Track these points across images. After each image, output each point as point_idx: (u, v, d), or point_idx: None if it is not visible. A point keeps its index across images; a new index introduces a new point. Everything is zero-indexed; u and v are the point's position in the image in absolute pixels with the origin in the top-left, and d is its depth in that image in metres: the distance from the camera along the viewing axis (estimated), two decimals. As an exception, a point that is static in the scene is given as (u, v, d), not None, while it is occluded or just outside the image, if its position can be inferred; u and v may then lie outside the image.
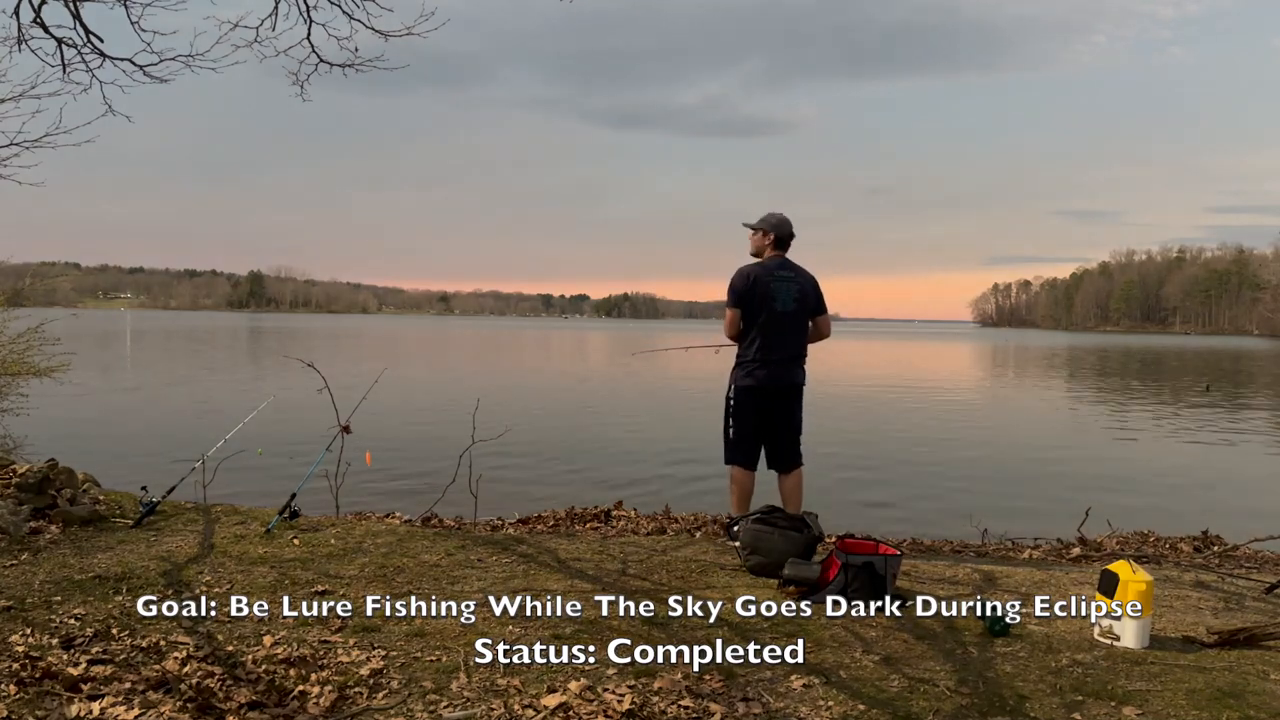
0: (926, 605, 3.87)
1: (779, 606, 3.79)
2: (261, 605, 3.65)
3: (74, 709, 2.66)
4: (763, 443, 5.11)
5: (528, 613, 3.66)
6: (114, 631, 3.31)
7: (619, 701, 2.79)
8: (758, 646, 3.34)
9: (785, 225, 5.13)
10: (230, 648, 3.20)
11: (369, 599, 3.78)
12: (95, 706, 2.68)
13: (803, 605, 3.83)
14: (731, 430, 5.10)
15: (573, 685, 2.91)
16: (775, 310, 4.99)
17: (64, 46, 4.79)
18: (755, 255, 5.17)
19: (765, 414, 5.06)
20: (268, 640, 3.27)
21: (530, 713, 2.73)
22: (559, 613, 3.67)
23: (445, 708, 2.78)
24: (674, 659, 3.17)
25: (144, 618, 3.47)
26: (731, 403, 5.11)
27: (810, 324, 5.16)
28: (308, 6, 4.79)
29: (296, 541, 4.67)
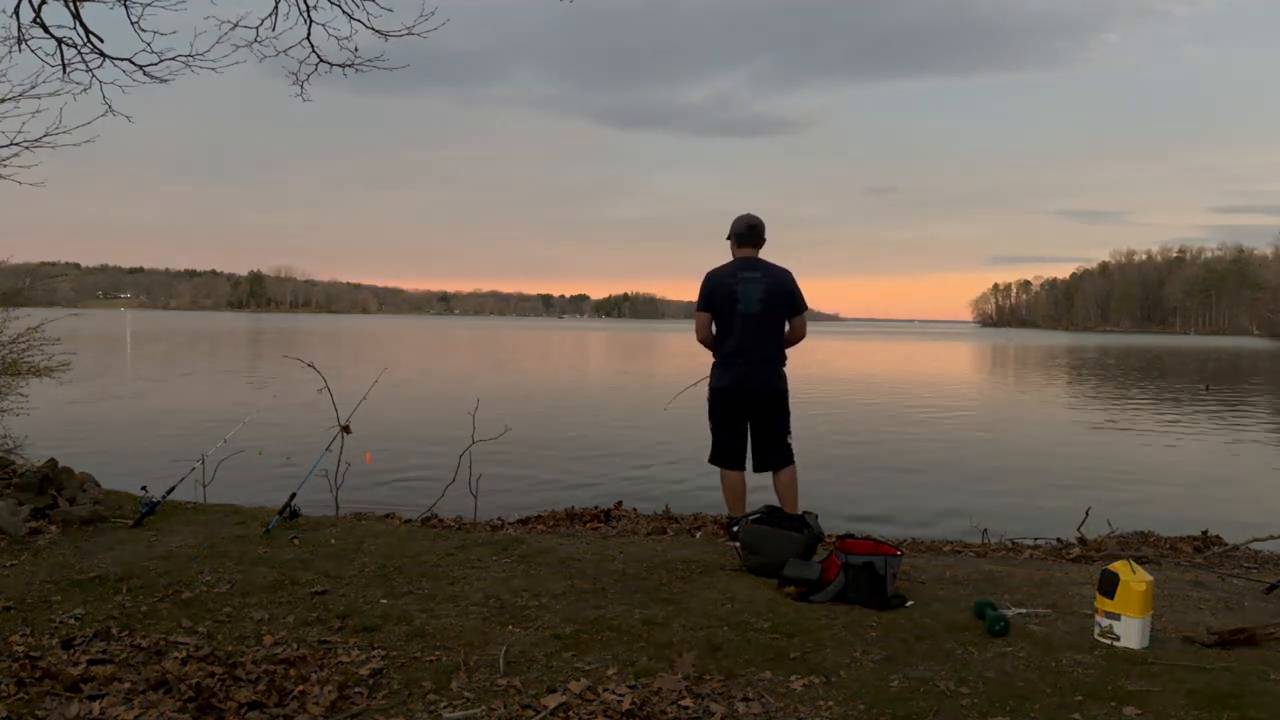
0: (926, 605, 3.87)
1: (779, 606, 3.79)
2: (261, 605, 3.66)
3: (74, 709, 2.66)
4: (745, 443, 5.05)
5: (528, 613, 3.67)
6: (114, 631, 3.31)
7: (619, 701, 2.79)
8: (758, 646, 3.34)
9: (742, 223, 5.04)
10: (230, 648, 3.19)
11: (369, 599, 3.79)
12: (95, 706, 2.68)
13: (802, 605, 3.84)
14: (711, 431, 5.11)
15: (573, 685, 2.91)
16: (739, 312, 4.89)
17: (64, 46, 4.80)
18: None
19: (742, 416, 5.00)
20: (268, 640, 3.27)
21: (530, 713, 2.73)
22: (559, 613, 3.67)
23: (445, 708, 2.78)
24: (674, 659, 3.17)
25: (144, 617, 3.48)
26: (708, 404, 5.11)
27: (786, 325, 5.03)
28: (308, 6, 4.80)
29: (296, 541, 4.67)
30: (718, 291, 4.96)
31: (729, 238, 5.14)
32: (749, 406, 5.00)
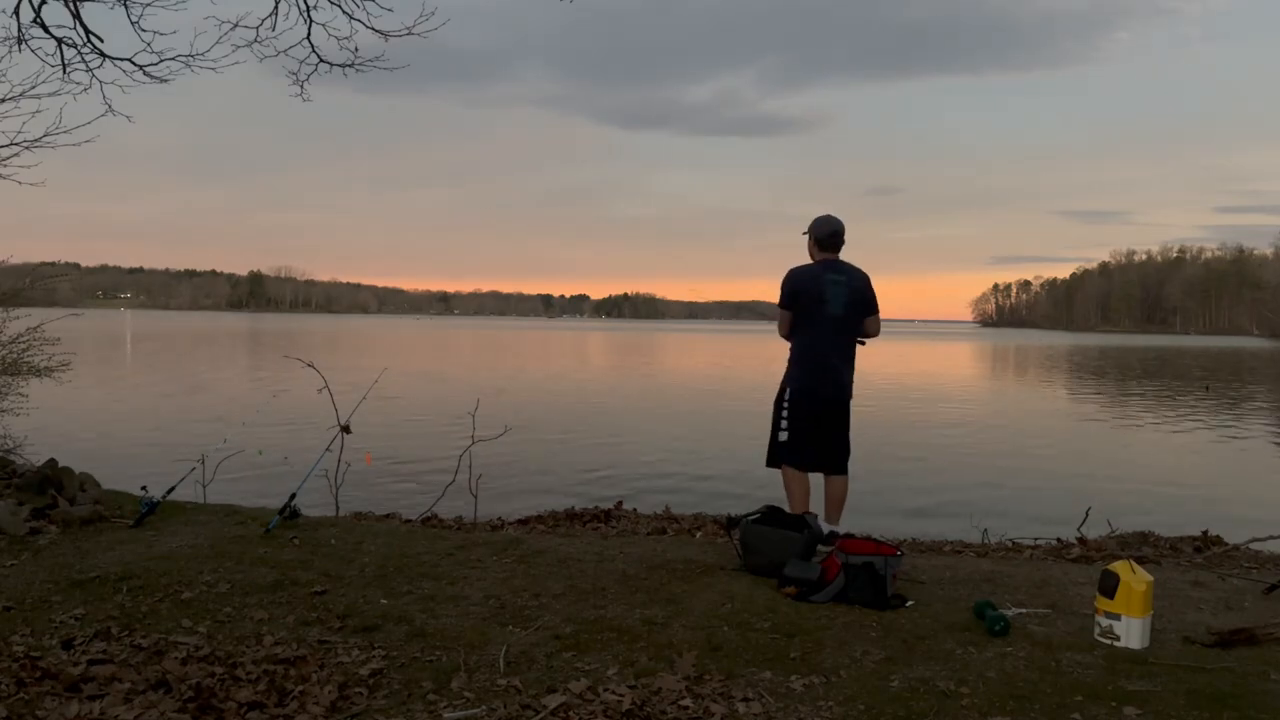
0: (926, 605, 3.87)
1: (779, 606, 3.79)
2: (261, 605, 3.66)
3: (74, 709, 2.66)
4: (815, 446, 4.99)
5: (528, 613, 3.67)
6: (114, 631, 3.31)
7: (619, 701, 2.78)
8: (758, 646, 3.34)
9: (825, 226, 5.05)
10: (230, 648, 3.19)
11: (369, 599, 3.79)
12: (95, 706, 2.68)
13: (803, 605, 3.84)
14: (785, 432, 4.98)
15: (573, 685, 2.91)
16: (826, 313, 4.94)
17: (64, 46, 4.81)
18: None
19: (814, 416, 4.97)
20: (267, 640, 3.27)
21: (530, 713, 2.73)
22: (559, 613, 3.67)
23: (445, 708, 2.78)
24: (674, 659, 3.17)
25: (144, 617, 3.47)
26: (786, 406, 4.99)
27: (861, 324, 5.08)
28: (308, 6, 4.81)
29: (296, 541, 4.67)
30: (807, 291, 4.95)
31: (809, 235, 5.08)
32: (825, 409, 4.98)
